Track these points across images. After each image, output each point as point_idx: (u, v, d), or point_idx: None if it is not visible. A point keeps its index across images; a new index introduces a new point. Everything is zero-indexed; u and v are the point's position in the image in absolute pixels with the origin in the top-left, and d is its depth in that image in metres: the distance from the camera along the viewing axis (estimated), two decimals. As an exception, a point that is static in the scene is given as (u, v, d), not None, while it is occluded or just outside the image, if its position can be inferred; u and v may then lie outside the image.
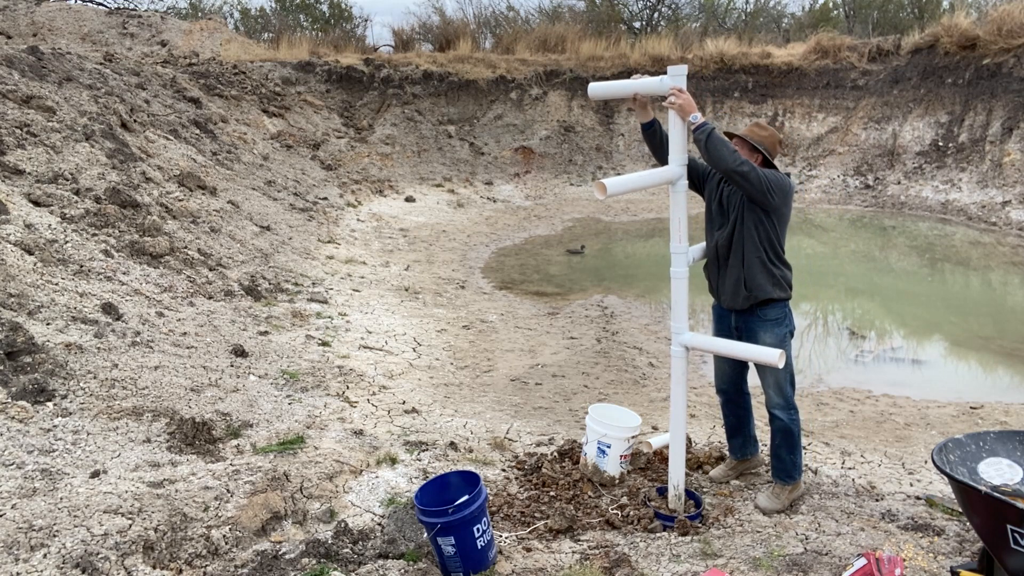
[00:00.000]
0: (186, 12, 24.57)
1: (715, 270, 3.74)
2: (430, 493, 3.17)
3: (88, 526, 2.85)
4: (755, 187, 3.40)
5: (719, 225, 3.70)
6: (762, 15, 25.47)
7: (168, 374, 4.45)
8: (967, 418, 5.55)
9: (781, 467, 3.77)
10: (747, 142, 3.63)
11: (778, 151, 3.68)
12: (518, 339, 7.25)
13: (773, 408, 3.72)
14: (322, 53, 16.79)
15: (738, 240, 3.59)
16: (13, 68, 7.96)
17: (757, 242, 3.55)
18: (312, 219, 10.40)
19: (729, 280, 3.66)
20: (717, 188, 3.74)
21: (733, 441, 4.09)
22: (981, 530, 2.61)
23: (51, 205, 5.93)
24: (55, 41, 16.18)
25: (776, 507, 3.72)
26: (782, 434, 3.72)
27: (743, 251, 3.58)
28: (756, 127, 3.71)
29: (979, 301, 9.02)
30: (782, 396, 3.69)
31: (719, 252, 3.68)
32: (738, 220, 3.58)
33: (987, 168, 13.14)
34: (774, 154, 3.65)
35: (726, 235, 3.63)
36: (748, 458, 4.11)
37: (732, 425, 4.06)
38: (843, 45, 16.83)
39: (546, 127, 16.44)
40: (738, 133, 3.68)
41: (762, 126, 3.70)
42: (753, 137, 3.64)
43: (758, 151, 3.63)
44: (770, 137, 3.65)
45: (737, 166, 3.37)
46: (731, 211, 3.63)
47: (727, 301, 3.71)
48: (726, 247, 3.65)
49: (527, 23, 22.40)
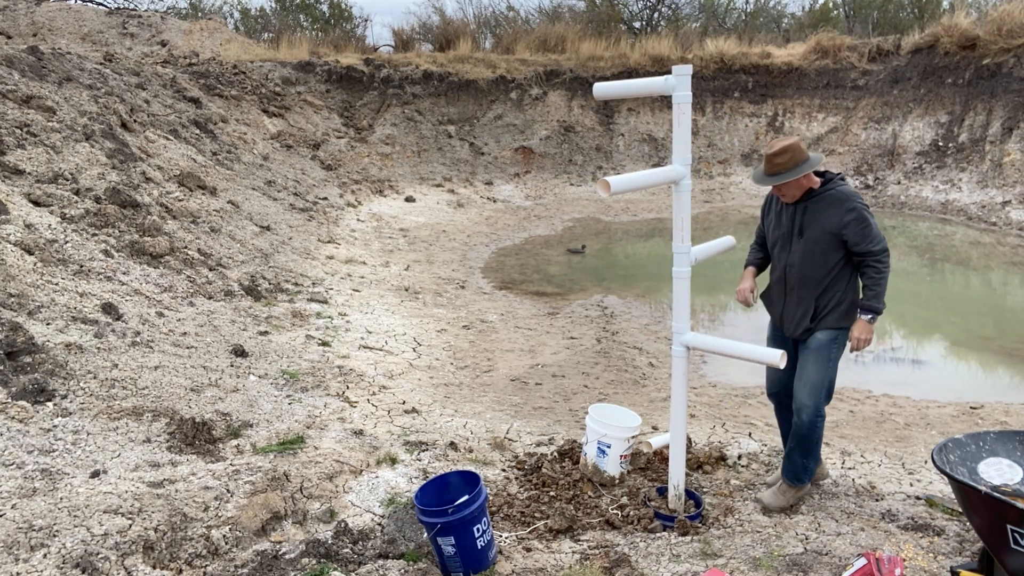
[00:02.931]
0: (186, 12, 24.56)
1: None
2: (430, 493, 3.17)
3: (88, 526, 2.85)
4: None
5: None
6: (762, 15, 25.47)
7: (168, 374, 4.45)
8: (967, 418, 5.55)
9: (791, 468, 3.69)
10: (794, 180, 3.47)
11: (804, 150, 3.46)
12: (518, 339, 7.25)
13: (799, 408, 3.59)
14: (322, 53, 16.79)
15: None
16: (13, 68, 7.96)
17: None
18: (312, 219, 10.40)
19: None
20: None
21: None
22: (981, 530, 2.61)
23: (51, 205, 5.93)
24: (55, 41, 16.18)
25: (779, 505, 3.68)
26: (799, 436, 3.61)
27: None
28: (775, 157, 3.44)
29: (979, 301, 9.01)
30: (812, 399, 3.56)
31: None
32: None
33: (987, 168, 13.14)
34: (801, 159, 3.43)
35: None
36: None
37: (788, 432, 3.82)
38: (843, 45, 16.83)
39: (546, 127, 16.44)
40: (779, 180, 3.45)
41: (779, 151, 3.42)
42: (787, 167, 3.42)
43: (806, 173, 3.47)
44: (791, 151, 3.41)
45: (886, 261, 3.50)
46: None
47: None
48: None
49: (527, 23, 22.40)
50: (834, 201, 3.48)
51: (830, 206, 3.48)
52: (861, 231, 3.43)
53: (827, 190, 3.52)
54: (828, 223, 3.47)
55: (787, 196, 3.57)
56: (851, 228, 3.43)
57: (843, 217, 3.44)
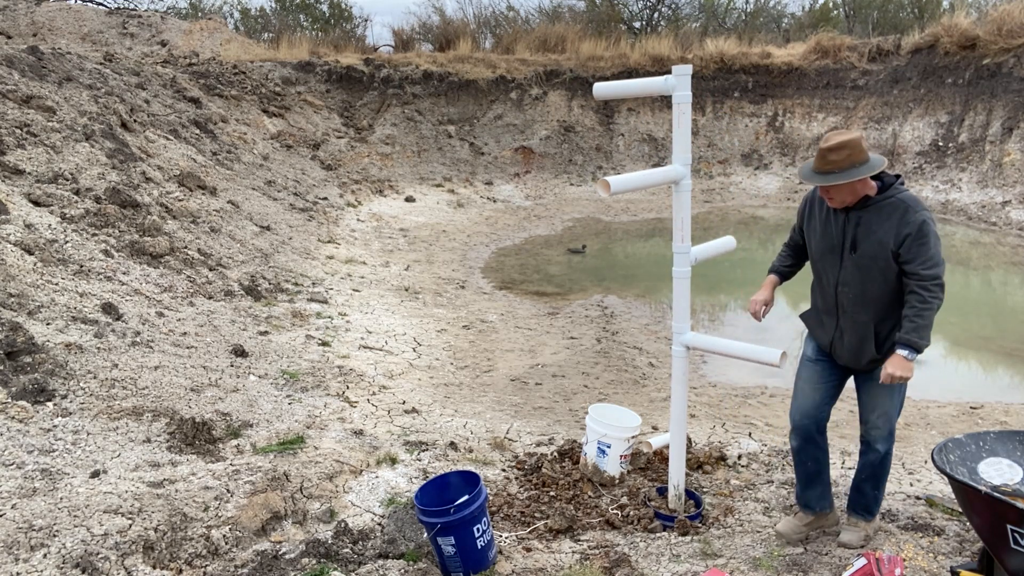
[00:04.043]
0: (186, 12, 24.55)
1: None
2: (430, 493, 3.17)
3: (88, 526, 2.85)
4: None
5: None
6: (762, 15, 25.45)
7: (168, 374, 4.45)
8: (967, 418, 5.55)
9: (862, 501, 3.30)
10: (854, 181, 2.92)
11: (865, 150, 2.92)
12: (518, 339, 7.25)
13: (874, 440, 3.18)
14: (322, 53, 16.79)
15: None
16: (13, 68, 7.96)
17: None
18: (312, 219, 10.40)
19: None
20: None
21: (810, 491, 3.34)
22: (981, 530, 2.61)
23: (51, 205, 5.93)
24: (55, 41, 16.18)
25: (861, 540, 3.27)
26: (872, 467, 3.22)
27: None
28: (830, 152, 2.91)
29: (979, 301, 9.01)
30: (888, 426, 3.17)
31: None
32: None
33: (987, 168, 13.14)
34: (860, 159, 2.90)
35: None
36: (827, 511, 3.41)
37: (811, 473, 3.32)
38: (843, 45, 16.83)
39: (546, 127, 16.44)
40: (832, 180, 2.92)
41: (836, 146, 2.90)
42: (841, 167, 2.90)
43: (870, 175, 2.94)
44: (850, 149, 2.89)
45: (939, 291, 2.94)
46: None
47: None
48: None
49: (527, 23, 22.39)
50: (895, 210, 2.93)
51: (891, 216, 2.93)
52: (917, 247, 2.88)
53: (886, 197, 2.96)
54: (886, 235, 2.93)
55: (835, 201, 3.01)
56: (908, 241, 2.88)
57: (901, 229, 2.90)
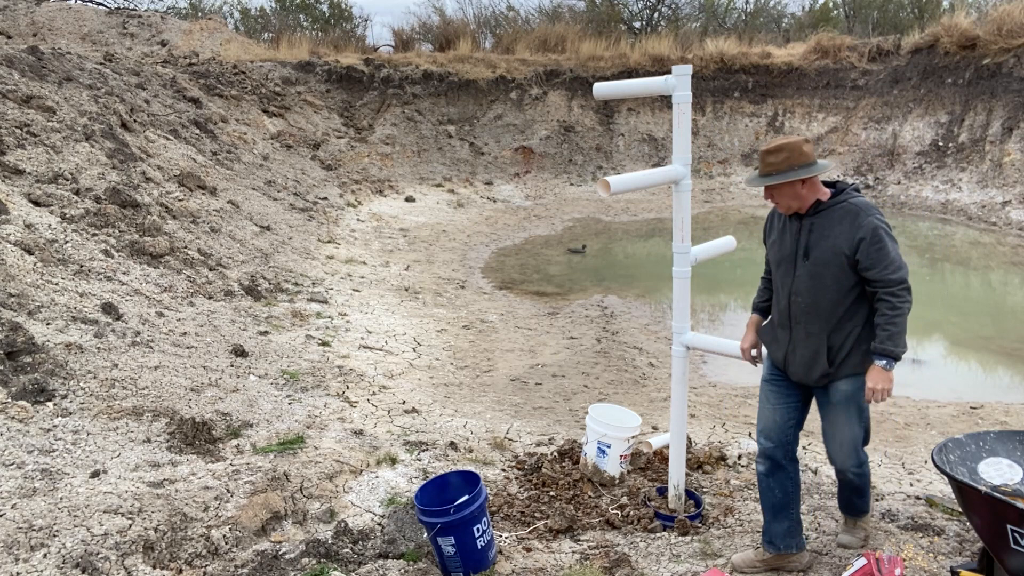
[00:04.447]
0: (186, 12, 24.55)
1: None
2: (430, 493, 3.17)
3: (88, 526, 2.85)
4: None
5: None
6: (762, 15, 25.45)
7: (168, 374, 4.45)
8: (967, 418, 5.55)
9: (852, 508, 3.30)
10: (792, 181, 2.89)
11: (809, 152, 2.88)
12: (518, 339, 7.25)
13: (843, 468, 3.05)
14: (322, 53, 16.79)
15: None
16: (13, 68, 7.95)
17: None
18: (312, 219, 10.40)
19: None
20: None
21: (776, 526, 3.07)
22: (981, 530, 2.61)
23: (51, 205, 5.93)
24: (55, 41, 16.17)
25: (860, 540, 3.27)
26: (852, 486, 3.16)
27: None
28: (769, 155, 2.90)
29: (979, 301, 9.01)
30: (853, 457, 3.01)
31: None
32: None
33: (987, 168, 13.14)
34: (800, 161, 2.86)
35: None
36: (791, 552, 3.09)
37: (777, 503, 3.07)
38: (843, 45, 16.83)
39: (546, 127, 16.44)
40: (768, 181, 2.91)
41: (774, 148, 2.90)
42: (780, 168, 2.88)
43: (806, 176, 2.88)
44: (788, 151, 2.86)
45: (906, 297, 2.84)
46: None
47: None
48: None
49: (527, 23, 22.39)
50: (846, 215, 2.86)
51: (841, 221, 2.87)
52: (875, 253, 2.79)
53: (838, 202, 2.90)
54: (838, 241, 2.85)
55: (781, 206, 2.97)
56: (863, 247, 2.80)
57: (854, 234, 2.82)
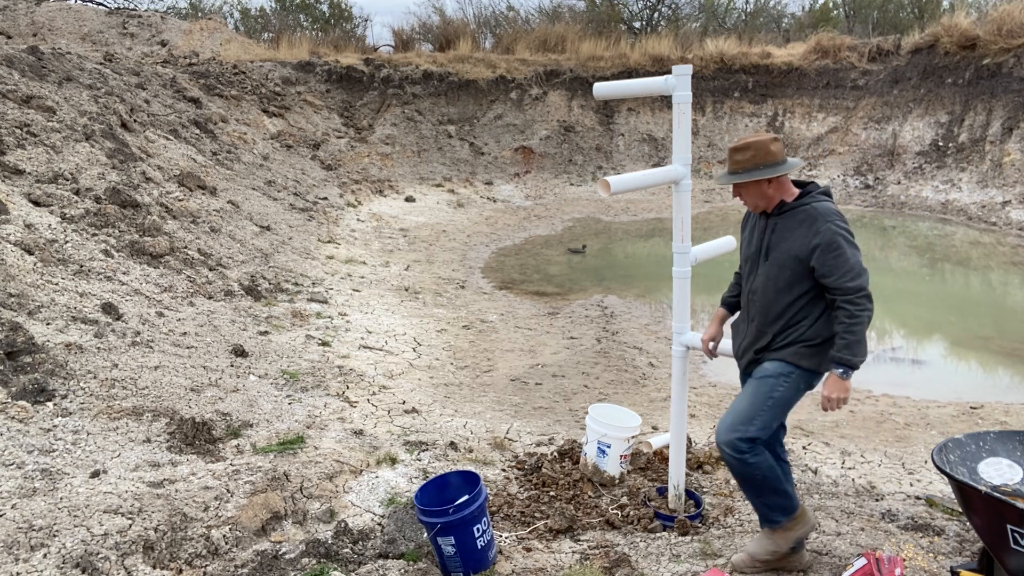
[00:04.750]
0: (186, 12, 24.55)
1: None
2: (430, 493, 3.17)
3: (88, 526, 2.85)
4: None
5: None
6: (762, 15, 25.46)
7: (168, 374, 4.45)
8: (967, 418, 5.55)
9: (755, 509, 3.06)
10: (759, 180, 2.89)
11: (777, 152, 2.87)
12: (518, 339, 7.25)
13: (720, 443, 2.88)
14: (322, 53, 16.79)
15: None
16: (13, 68, 7.95)
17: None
18: (312, 219, 10.40)
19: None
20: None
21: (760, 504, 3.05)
22: (981, 530, 2.61)
23: (51, 205, 5.93)
24: (55, 41, 16.17)
25: (762, 551, 2.98)
26: (736, 474, 2.95)
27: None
28: (736, 152, 2.91)
29: (979, 301, 9.02)
30: (728, 432, 2.84)
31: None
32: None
33: (987, 168, 13.14)
34: (766, 160, 2.86)
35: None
36: (779, 523, 2.98)
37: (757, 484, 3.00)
38: (843, 45, 16.83)
39: (546, 127, 16.44)
40: (733, 179, 2.92)
41: (741, 146, 2.90)
42: (745, 167, 2.88)
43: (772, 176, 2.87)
44: (755, 149, 2.86)
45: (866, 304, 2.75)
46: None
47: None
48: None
49: (527, 23, 22.39)
50: (806, 219, 2.82)
51: (800, 224, 2.83)
52: (831, 260, 2.73)
53: (801, 205, 2.86)
54: (794, 245, 2.82)
55: (749, 204, 2.98)
56: (818, 254, 2.74)
57: (810, 240, 2.77)
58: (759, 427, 2.84)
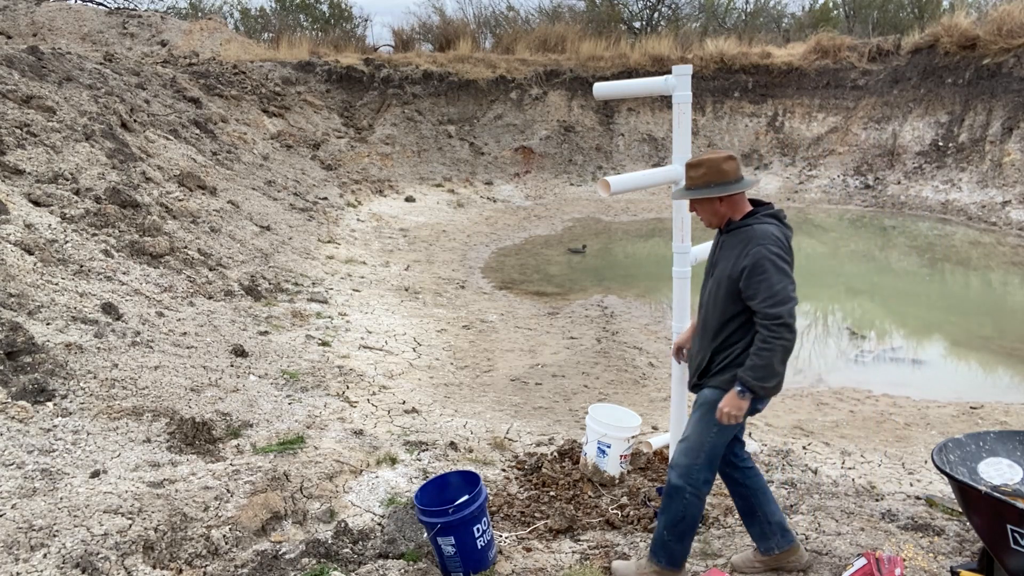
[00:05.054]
0: (186, 12, 24.54)
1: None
2: (430, 493, 3.17)
3: (88, 526, 2.85)
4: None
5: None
6: (762, 15, 25.45)
7: (168, 374, 4.45)
8: (967, 418, 5.55)
9: (654, 538, 3.02)
10: (709, 199, 2.89)
11: (729, 171, 2.85)
12: (518, 339, 7.25)
13: (671, 466, 2.97)
14: (322, 53, 16.79)
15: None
16: (13, 68, 7.96)
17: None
18: (312, 219, 10.40)
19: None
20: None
21: (750, 530, 3.15)
22: (981, 530, 2.61)
23: (51, 205, 5.93)
24: (55, 41, 16.17)
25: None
26: (665, 498, 2.96)
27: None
28: (690, 169, 2.92)
29: (979, 301, 9.02)
30: (685, 458, 2.90)
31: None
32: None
33: (987, 168, 13.14)
34: (717, 179, 2.85)
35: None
36: (775, 553, 3.06)
37: (741, 508, 3.14)
38: (843, 45, 16.83)
39: (546, 127, 16.44)
40: (684, 196, 2.99)
41: (695, 163, 2.91)
42: (696, 184, 2.89)
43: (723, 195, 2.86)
44: (707, 167, 2.86)
45: (787, 329, 2.72)
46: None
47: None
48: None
49: (527, 23, 22.38)
50: (742, 240, 2.82)
51: (736, 245, 2.84)
52: (755, 283, 2.72)
53: (743, 225, 2.85)
54: (728, 264, 2.85)
55: (703, 220, 2.99)
56: (745, 276, 2.74)
57: (740, 261, 2.77)
58: (706, 460, 2.89)
